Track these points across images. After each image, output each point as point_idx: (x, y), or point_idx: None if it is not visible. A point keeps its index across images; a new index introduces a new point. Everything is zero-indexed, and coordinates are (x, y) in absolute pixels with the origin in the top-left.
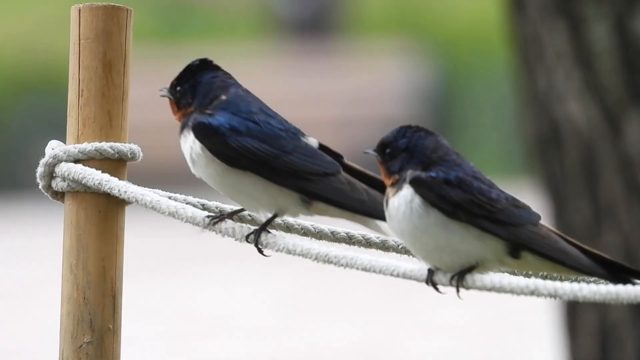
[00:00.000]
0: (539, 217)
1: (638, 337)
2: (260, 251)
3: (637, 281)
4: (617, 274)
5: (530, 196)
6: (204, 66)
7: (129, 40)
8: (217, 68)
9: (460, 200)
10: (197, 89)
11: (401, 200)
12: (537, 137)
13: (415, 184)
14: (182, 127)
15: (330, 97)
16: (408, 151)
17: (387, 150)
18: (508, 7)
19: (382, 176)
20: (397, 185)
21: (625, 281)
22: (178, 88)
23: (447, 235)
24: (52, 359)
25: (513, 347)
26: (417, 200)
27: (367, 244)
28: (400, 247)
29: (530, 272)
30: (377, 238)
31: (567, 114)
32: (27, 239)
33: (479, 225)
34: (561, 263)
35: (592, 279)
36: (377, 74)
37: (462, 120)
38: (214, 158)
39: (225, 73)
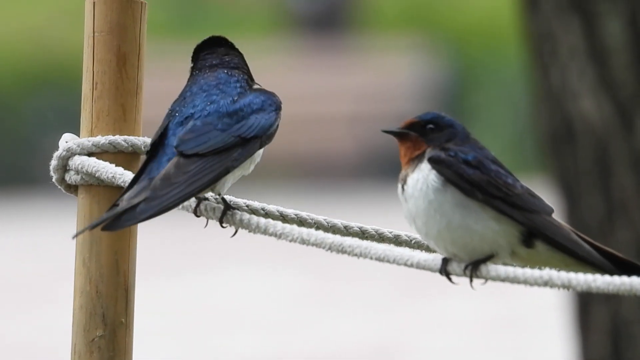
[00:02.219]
0: (552, 210)
1: None
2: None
3: None
4: (628, 272)
5: (542, 192)
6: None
7: (143, 33)
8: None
9: (478, 180)
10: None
11: (419, 176)
12: (550, 134)
13: (434, 161)
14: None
15: (343, 93)
16: (453, 127)
17: (429, 126)
18: (521, 3)
19: (402, 155)
20: (416, 162)
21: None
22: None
23: (462, 214)
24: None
25: (525, 344)
26: (434, 176)
27: (380, 238)
28: (412, 242)
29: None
30: (390, 233)
31: (581, 111)
32: (40, 234)
33: (495, 207)
34: (574, 254)
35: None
36: (389, 70)
37: (474, 117)
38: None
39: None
